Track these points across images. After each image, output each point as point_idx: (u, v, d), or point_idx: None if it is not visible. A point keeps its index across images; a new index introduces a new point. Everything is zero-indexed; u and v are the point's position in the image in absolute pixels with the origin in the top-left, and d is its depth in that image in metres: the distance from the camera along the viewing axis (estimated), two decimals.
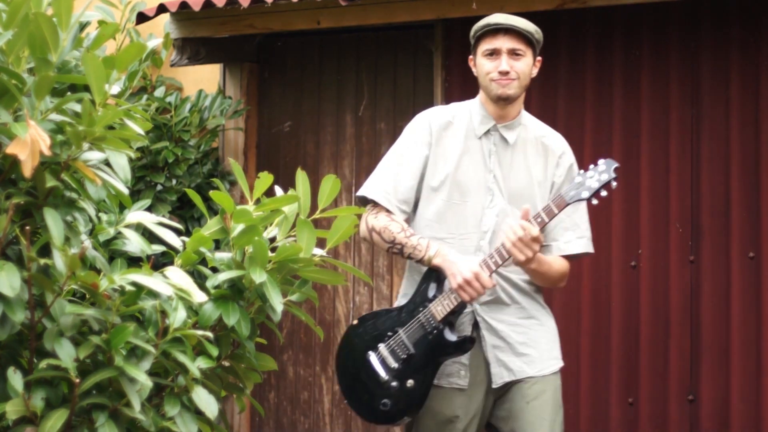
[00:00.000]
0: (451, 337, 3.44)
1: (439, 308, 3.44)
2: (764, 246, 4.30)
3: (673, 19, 4.53)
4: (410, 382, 3.47)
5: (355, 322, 3.58)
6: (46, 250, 2.35)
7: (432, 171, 3.58)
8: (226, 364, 2.65)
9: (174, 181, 5.21)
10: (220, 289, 2.60)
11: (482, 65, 3.55)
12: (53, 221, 2.29)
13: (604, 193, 3.30)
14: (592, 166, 3.33)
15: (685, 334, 4.41)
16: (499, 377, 3.52)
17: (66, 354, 2.29)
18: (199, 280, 2.55)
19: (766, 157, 4.32)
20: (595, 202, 3.32)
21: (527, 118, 3.63)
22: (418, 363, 3.46)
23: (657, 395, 4.44)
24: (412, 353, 3.45)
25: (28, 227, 2.31)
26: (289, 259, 2.63)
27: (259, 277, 2.55)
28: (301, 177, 2.76)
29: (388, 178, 3.60)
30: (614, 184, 3.30)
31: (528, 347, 3.53)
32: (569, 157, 3.61)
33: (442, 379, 3.50)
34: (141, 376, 2.31)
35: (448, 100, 4.94)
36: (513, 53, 3.53)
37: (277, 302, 2.57)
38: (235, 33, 5.19)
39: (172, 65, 5.34)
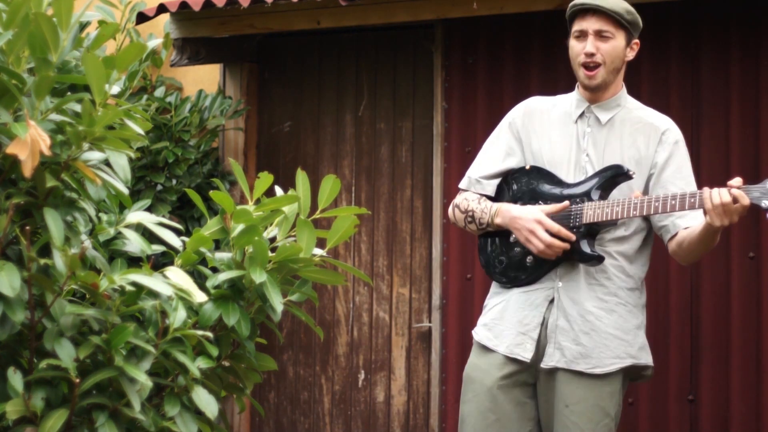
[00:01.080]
0: (585, 247, 3.42)
1: (590, 212, 3.41)
2: (764, 246, 4.30)
3: (673, 19, 4.53)
4: (529, 259, 3.50)
5: (527, 167, 3.58)
6: (46, 250, 2.35)
7: (530, 153, 3.60)
8: (226, 364, 2.65)
9: (174, 181, 5.21)
10: (220, 289, 2.60)
11: (572, 47, 3.55)
12: (53, 221, 2.29)
13: None
14: None
15: (685, 334, 4.41)
16: (550, 359, 3.46)
17: (66, 354, 2.29)
18: (199, 280, 2.55)
19: (766, 157, 4.32)
20: None
21: (629, 101, 3.60)
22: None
23: (657, 395, 4.44)
24: None
25: (28, 227, 2.30)
26: (289, 259, 2.63)
27: (259, 277, 2.55)
28: (301, 177, 2.76)
29: (475, 166, 3.68)
30: None
31: (589, 338, 3.44)
32: (674, 134, 3.54)
33: (509, 349, 3.48)
34: (141, 376, 2.31)
35: (448, 100, 4.94)
36: (599, 35, 3.48)
37: (277, 302, 2.57)
38: (235, 33, 5.19)
39: (172, 65, 5.34)
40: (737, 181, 3.30)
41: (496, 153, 3.66)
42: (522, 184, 3.58)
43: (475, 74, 4.89)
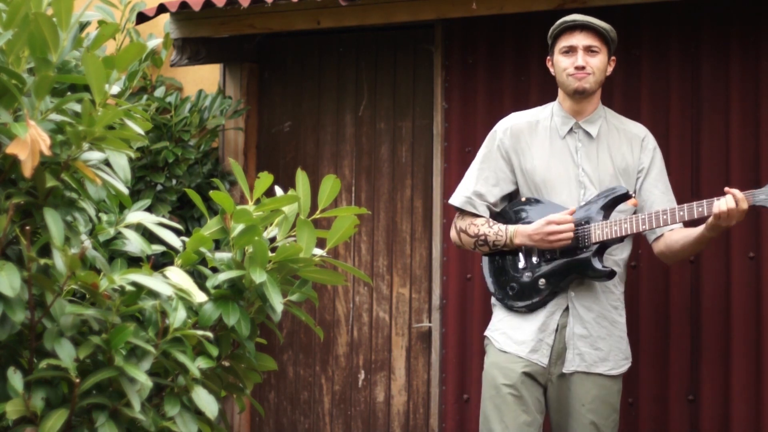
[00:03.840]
0: (596, 263, 3.64)
1: (599, 232, 3.63)
2: (764, 246, 4.30)
3: (673, 19, 4.53)
4: (542, 282, 3.71)
5: (523, 199, 3.79)
6: (46, 250, 2.35)
7: (521, 173, 3.80)
8: (226, 364, 2.65)
9: (174, 181, 5.21)
10: (220, 289, 2.60)
11: (559, 62, 3.77)
12: (53, 221, 2.29)
13: None
14: None
15: (685, 334, 4.41)
16: (572, 364, 3.71)
17: (66, 354, 2.29)
18: (199, 280, 2.55)
19: (766, 157, 4.32)
20: None
21: (607, 112, 3.85)
22: (557, 269, 3.68)
23: (657, 395, 4.44)
24: (556, 257, 3.68)
25: (28, 227, 2.31)
26: (289, 259, 2.63)
27: (259, 277, 2.55)
28: (301, 177, 2.77)
29: (470, 184, 3.89)
30: None
31: (606, 343, 3.73)
32: (651, 140, 3.84)
33: (529, 354, 3.72)
34: (141, 376, 2.31)
35: (448, 100, 4.94)
36: (589, 50, 3.73)
37: (277, 302, 2.57)
38: (235, 33, 5.19)
39: (172, 65, 5.34)
40: (735, 190, 3.55)
41: (491, 177, 3.86)
42: (524, 214, 3.78)
43: (475, 74, 4.89)
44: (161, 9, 5.09)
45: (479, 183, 3.87)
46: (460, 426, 4.85)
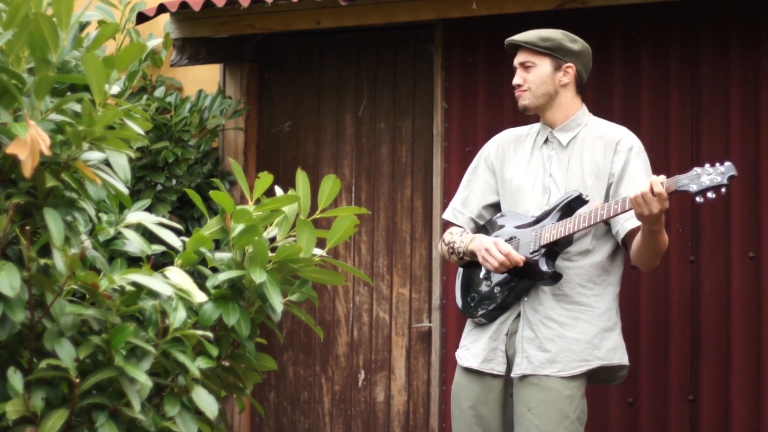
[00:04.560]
0: (542, 265, 3.62)
1: (546, 234, 3.62)
2: (764, 246, 4.30)
3: (673, 19, 4.53)
4: (497, 289, 3.72)
5: (498, 215, 3.83)
6: (46, 250, 2.35)
7: (501, 182, 3.84)
8: (226, 364, 2.65)
9: (174, 181, 5.21)
10: (220, 289, 2.60)
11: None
12: (53, 221, 2.29)
13: (711, 195, 3.35)
14: (715, 165, 3.37)
15: (685, 334, 4.41)
16: (519, 368, 3.66)
17: (66, 354, 2.29)
18: (199, 280, 2.55)
19: (766, 157, 4.32)
20: (699, 200, 3.37)
21: (591, 119, 3.81)
22: (510, 275, 3.68)
23: (657, 395, 4.44)
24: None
25: (28, 227, 2.30)
26: (289, 259, 2.63)
27: (259, 277, 2.55)
28: (301, 177, 2.76)
29: (458, 198, 3.94)
30: (723, 190, 3.34)
31: (554, 344, 3.64)
32: (628, 141, 3.72)
33: (482, 365, 3.72)
34: (141, 376, 2.31)
35: (448, 100, 4.94)
36: (523, 66, 3.77)
37: (277, 302, 2.57)
38: (235, 33, 5.19)
39: (172, 65, 5.34)
40: (662, 177, 3.43)
41: (476, 188, 3.90)
42: (497, 228, 3.81)
43: (475, 74, 4.89)
44: (161, 9, 5.09)
45: (464, 195, 3.92)
46: None
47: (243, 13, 4.98)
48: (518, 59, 3.78)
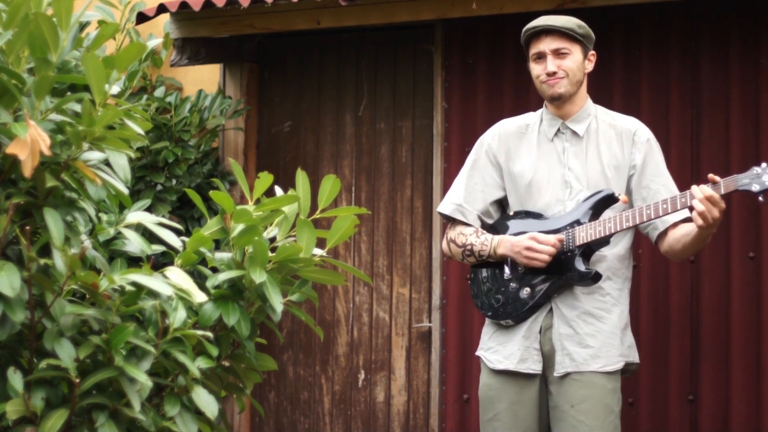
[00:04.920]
0: (580, 265, 3.53)
1: (583, 234, 3.53)
2: (764, 246, 4.30)
3: (673, 19, 4.53)
4: (525, 291, 3.61)
5: (511, 213, 3.71)
6: (46, 250, 2.35)
7: (509, 177, 3.71)
8: (226, 364, 2.65)
9: (174, 181, 5.21)
10: (220, 289, 2.60)
11: (532, 70, 3.70)
12: (53, 221, 2.29)
13: None
14: None
15: (685, 334, 4.41)
16: (562, 366, 3.59)
17: (66, 354, 2.29)
18: (199, 280, 2.55)
19: (766, 157, 4.31)
20: (762, 199, 3.33)
21: (597, 109, 3.73)
22: (541, 277, 3.58)
23: (657, 395, 4.44)
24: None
25: (28, 227, 2.30)
26: (289, 259, 2.63)
27: (259, 277, 2.55)
28: (301, 177, 2.76)
29: (459, 192, 3.78)
30: None
31: (595, 339, 3.58)
32: (644, 133, 3.69)
33: (519, 365, 3.62)
34: (141, 376, 2.31)
35: (448, 100, 4.94)
36: (557, 53, 3.62)
37: (277, 302, 2.57)
38: (235, 33, 5.19)
39: (172, 65, 5.34)
40: (716, 177, 3.40)
41: (479, 183, 3.77)
42: (513, 227, 3.69)
43: (475, 74, 4.89)
44: (161, 9, 5.09)
45: (467, 190, 3.77)
46: (460, 426, 4.85)
47: (243, 13, 4.98)
48: (551, 45, 3.62)
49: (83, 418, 2.37)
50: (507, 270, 3.67)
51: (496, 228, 3.75)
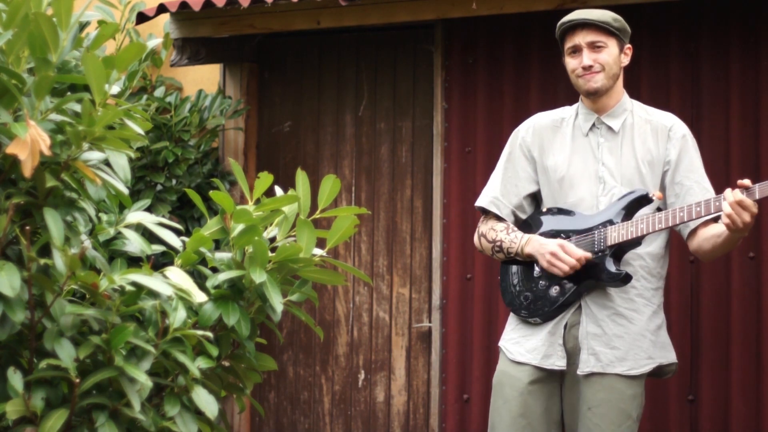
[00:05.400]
0: (610, 266, 3.49)
1: (615, 234, 3.49)
2: (764, 246, 4.30)
3: (673, 19, 4.53)
4: (555, 289, 3.56)
5: (544, 209, 3.66)
6: (46, 250, 2.35)
7: (542, 170, 3.67)
8: (226, 364, 2.65)
9: (174, 181, 5.21)
10: (220, 289, 2.60)
11: (568, 64, 3.65)
12: (53, 221, 2.29)
13: None
14: None
15: (685, 334, 4.41)
16: (586, 365, 3.53)
17: (66, 354, 2.29)
18: (199, 280, 2.55)
19: (766, 157, 4.32)
20: None
21: (633, 104, 3.69)
22: (571, 276, 3.53)
23: (657, 395, 4.44)
24: None
25: (28, 227, 2.31)
26: (289, 259, 2.63)
27: (259, 277, 2.55)
28: (301, 177, 2.76)
29: (496, 186, 3.73)
30: None
31: (622, 341, 3.53)
32: (680, 128, 3.65)
33: (543, 361, 3.56)
34: (141, 376, 2.31)
35: (448, 100, 4.94)
36: (593, 46, 3.58)
37: (277, 302, 2.57)
38: (235, 33, 5.19)
39: (172, 65, 5.34)
40: (747, 181, 3.37)
41: (513, 177, 3.73)
42: (544, 225, 3.64)
43: (475, 74, 4.89)
44: (161, 9, 5.09)
45: (503, 184, 3.72)
46: (460, 426, 4.85)
47: (243, 13, 4.98)
48: (587, 38, 3.57)
49: (83, 418, 2.37)
50: (537, 267, 3.62)
51: (529, 224, 3.70)
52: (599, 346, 3.52)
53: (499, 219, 3.72)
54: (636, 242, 3.50)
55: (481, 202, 3.77)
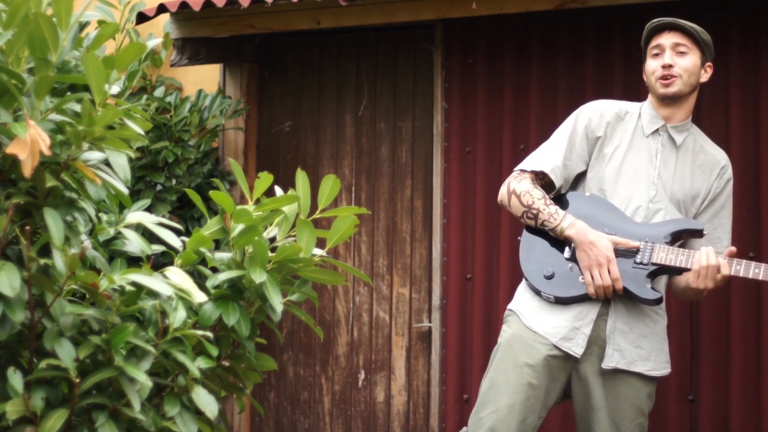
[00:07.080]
0: (647, 283, 3.48)
1: (662, 254, 3.47)
2: (764, 246, 4.30)
3: None
4: (582, 278, 3.51)
5: (587, 194, 3.60)
6: (46, 250, 2.35)
7: (596, 156, 3.62)
8: (226, 364, 2.65)
9: (174, 181, 5.21)
10: (220, 289, 2.60)
11: (648, 65, 3.63)
12: (53, 221, 2.29)
13: None
14: None
15: (685, 334, 4.41)
16: (611, 360, 3.52)
17: (66, 354, 2.29)
18: (199, 280, 2.55)
19: (766, 157, 4.32)
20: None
21: (694, 128, 3.67)
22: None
23: (657, 395, 4.43)
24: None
25: (28, 227, 2.31)
26: (289, 259, 2.63)
27: (259, 277, 2.55)
28: (301, 177, 2.76)
29: (559, 155, 3.62)
30: None
31: (647, 341, 3.55)
32: (730, 171, 3.67)
33: (561, 342, 3.50)
34: (141, 376, 2.31)
35: (448, 100, 4.94)
36: (676, 49, 3.56)
37: (277, 302, 2.57)
38: (235, 33, 5.19)
39: (172, 65, 5.34)
40: (731, 252, 3.50)
41: (569, 151, 3.63)
42: (581, 207, 3.59)
43: (475, 74, 4.89)
44: (161, 9, 5.09)
45: (565, 156, 3.62)
46: (460, 426, 4.84)
47: (243, 13, 4.98)
48: (671, 39, 3.55)
49: (83, 418, 2.38)
50: (568, 250, 3.56)
51: (566, 201, 3.62)
52: (625, 343, 3.52)
53: (536, 185, 3.61)
54: (677, 271, 3.50)
55: (540, 165, 3.63)
